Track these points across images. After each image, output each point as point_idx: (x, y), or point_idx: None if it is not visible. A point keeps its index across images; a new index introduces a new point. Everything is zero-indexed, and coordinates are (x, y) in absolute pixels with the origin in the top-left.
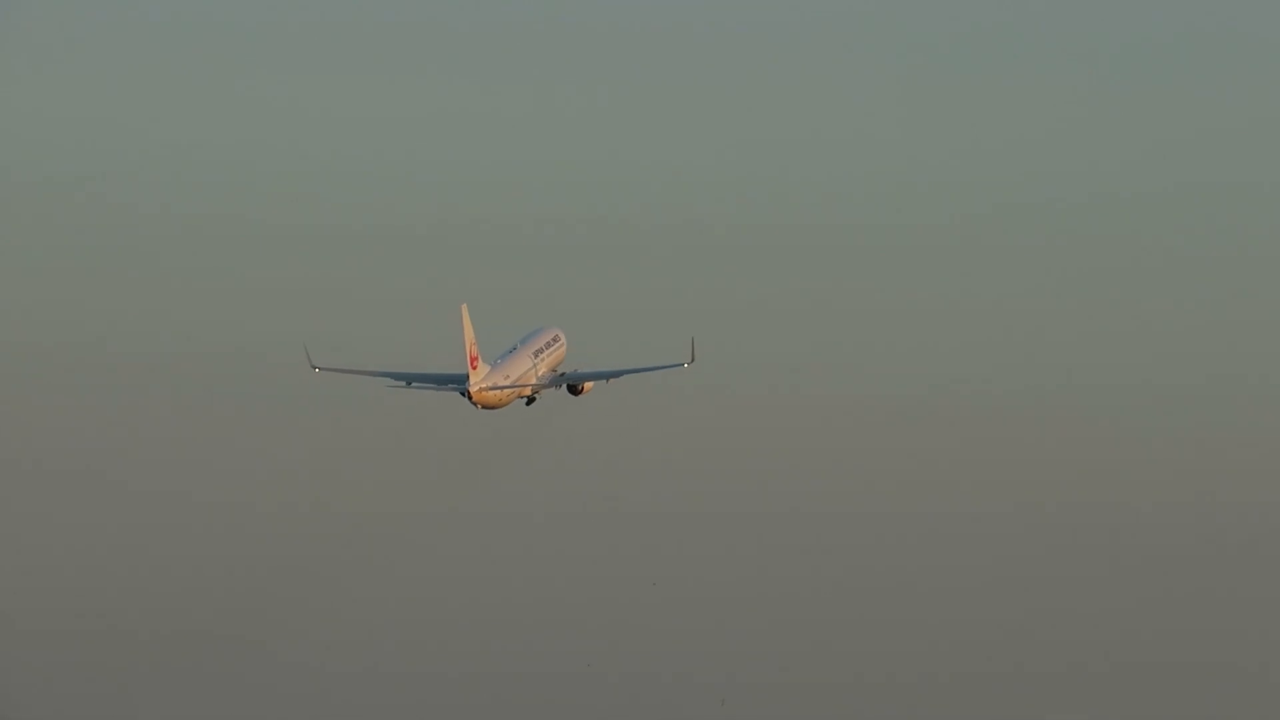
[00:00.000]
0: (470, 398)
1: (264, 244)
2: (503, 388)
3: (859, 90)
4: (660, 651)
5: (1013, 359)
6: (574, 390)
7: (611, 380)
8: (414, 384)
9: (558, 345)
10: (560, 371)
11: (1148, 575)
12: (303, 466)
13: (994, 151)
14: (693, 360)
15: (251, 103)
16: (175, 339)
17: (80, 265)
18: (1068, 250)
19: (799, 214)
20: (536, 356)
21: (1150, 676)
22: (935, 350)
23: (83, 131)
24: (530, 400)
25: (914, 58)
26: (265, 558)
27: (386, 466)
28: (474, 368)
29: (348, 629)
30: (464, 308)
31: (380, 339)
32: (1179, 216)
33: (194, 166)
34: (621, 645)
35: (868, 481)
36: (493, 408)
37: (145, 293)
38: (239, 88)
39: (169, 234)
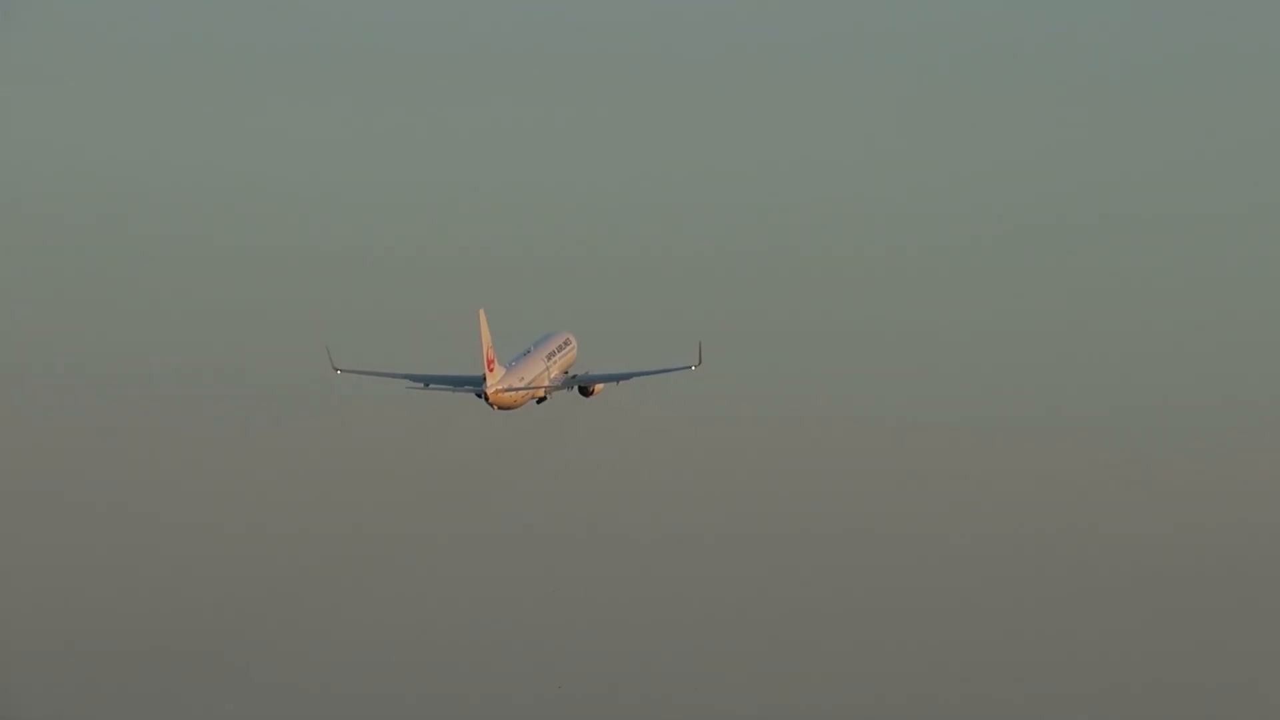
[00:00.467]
0: (487, 399)
1: (291, 263)
2: (518, 389)
3: (863, 110)
4: (657, 653)
5: (1016, 379)
6: (585, 392)
7: (621, 382)
8: (432, 385)
9: (569, 348)
10: (571, 374)
11: (1140, 598)
12: (325, 466)
13: (995, 173)
14: (699, 363)
15: (263, 127)
16: (198, 347)
17: (107, 282)
18: (1070, 271)
19: (799, 228)
20: (549, 359)
21: (1146, 699)
22: (934, 368)
23: (92, 159)
24: (541, 399)
25: (916, 79)
26: (294, 557)
27: (405, 465)
28: (491, 370)
29: (359, 633)
30: (481, 313)
31: (400, 343)
32: (1181, 238)
33: (209, 191)
34: (618, 647)
35: (857, 487)
36: (508, 408)
37: (171, 307)
38: (247, 113)
39: (190, 255)
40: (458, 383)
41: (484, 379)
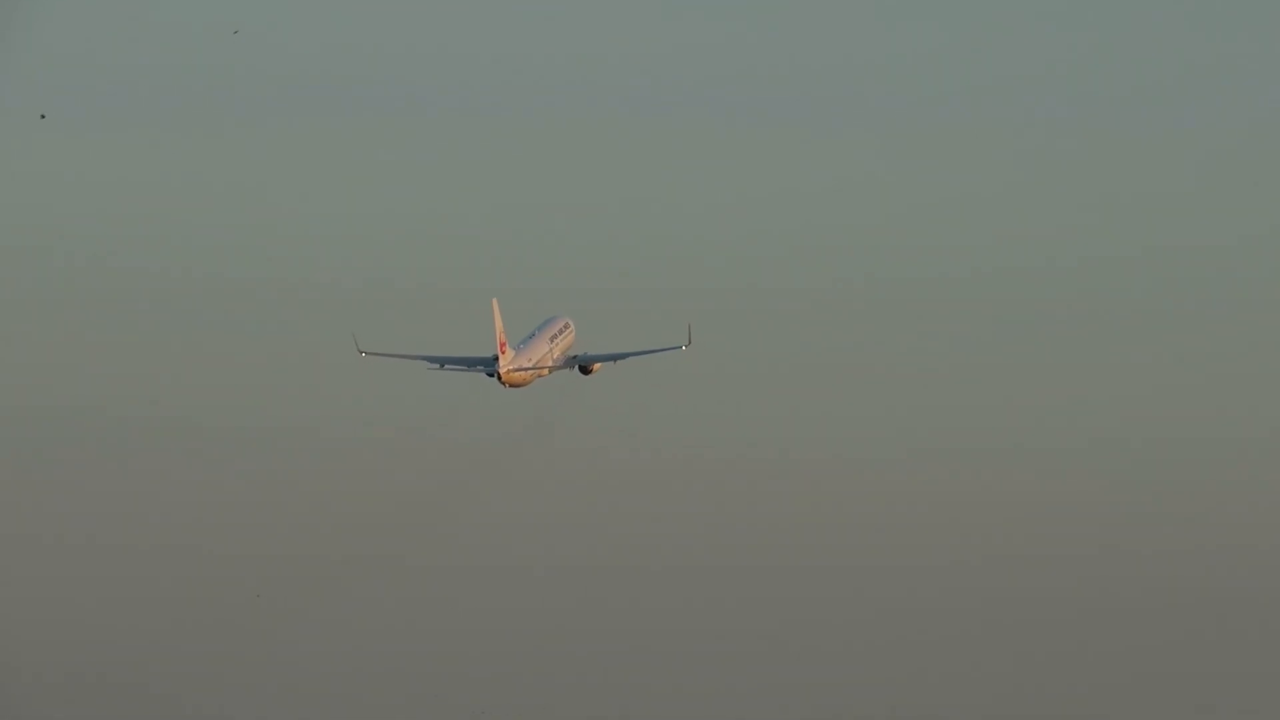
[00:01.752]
0: (499, 378)
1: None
2: (527, 369)
3: (851, 141)
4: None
5: (1012, 411)
6: (585, 370)
7: (618, 361)
8: (447, 366)
9: (568, 331)
10: (572, 354)
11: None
12: (351, 440)
13: (980, 205)
14: (689, 343)
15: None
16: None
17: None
18: (1055, 303)
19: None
20: (552, 341)
21: None
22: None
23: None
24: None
25: (904, 118)
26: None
27: (424, 441)
28: (503, 353)
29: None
30: (494, 302)
31: (420, 329)
32: (1175, 276)
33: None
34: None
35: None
36: (517, 386)
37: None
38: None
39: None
40: (470, 363)
41: (496, 360)
